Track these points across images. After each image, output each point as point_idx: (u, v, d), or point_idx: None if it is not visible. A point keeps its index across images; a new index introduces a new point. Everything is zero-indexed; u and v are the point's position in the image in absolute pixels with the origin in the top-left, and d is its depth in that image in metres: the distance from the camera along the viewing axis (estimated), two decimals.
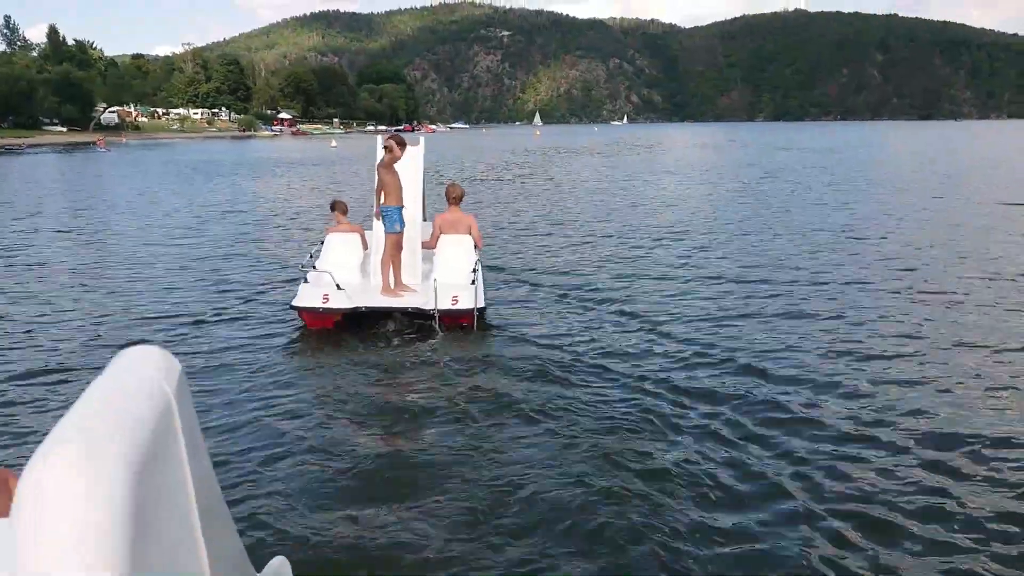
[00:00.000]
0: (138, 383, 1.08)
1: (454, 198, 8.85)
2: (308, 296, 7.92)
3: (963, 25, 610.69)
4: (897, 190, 22.83)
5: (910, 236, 14.01)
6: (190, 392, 1.08)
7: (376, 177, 8.35)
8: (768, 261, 11.76)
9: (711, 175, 31.11)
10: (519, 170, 36.30)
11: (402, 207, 8.23)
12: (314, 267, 8.35)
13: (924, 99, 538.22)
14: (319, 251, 8.86)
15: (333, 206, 9.45)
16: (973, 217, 16.63)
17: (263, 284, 10.38)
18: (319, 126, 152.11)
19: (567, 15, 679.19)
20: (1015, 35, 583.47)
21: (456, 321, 7.83)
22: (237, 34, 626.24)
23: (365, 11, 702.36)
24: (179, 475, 0.98)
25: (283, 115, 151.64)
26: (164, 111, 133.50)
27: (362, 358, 7.01)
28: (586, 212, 18.69)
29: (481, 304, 7.85)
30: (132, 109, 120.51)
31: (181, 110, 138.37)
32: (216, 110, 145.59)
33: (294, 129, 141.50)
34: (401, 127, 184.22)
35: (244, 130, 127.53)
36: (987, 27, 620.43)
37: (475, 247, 8.64)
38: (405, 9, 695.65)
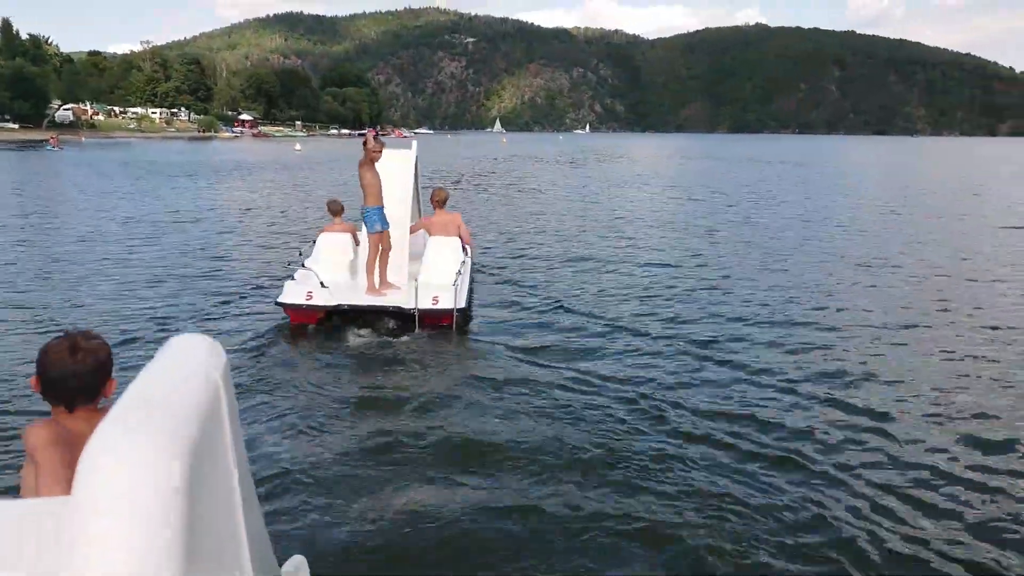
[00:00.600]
0: (190, 371, 1.12)
1: (439, 201, 9.26)
2: (293, 293, 8.12)
3: (918, 44, 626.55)
4: (890, 211, 22.31)
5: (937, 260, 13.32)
6: (232, 381, 1.12)
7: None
8: (755, 270, 12.07)
9: (695, 189, 30.43)
10: (507, 178, 35.64)
11: (382, 207, 8.31)
12: (303, 265, 8.56)
13: (879, 115, 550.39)
14: (311, 249, 9.12)
15: (329, 206, 9.55)
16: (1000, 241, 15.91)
17: (239, 288, 10.20)
18: (281, 128, 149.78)
19: (532, 23, 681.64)
20: (968, 55, 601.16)
21: (436, 321, 8.02)
22: (198, 33, 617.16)
23: (329, 14, 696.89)
24: (225, 462, 1.00)
25: (244, 116, 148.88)
26: (121, 110, 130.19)
27: (338, 355, 7.23)
28: (571, 222, 18.60)
29: (461, 305, 8.01)
30: (88, 107, 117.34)
31: (139, 109, 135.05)
32: (175, 110, 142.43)
33: (255, 131, 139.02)
34: (364, 131, 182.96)
35: (204, 131, 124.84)
36: (941, 46, 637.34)
37: (464, 246, 9.02)
38: (369, 13, 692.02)
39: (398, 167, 9.42)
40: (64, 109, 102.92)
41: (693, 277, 11.40)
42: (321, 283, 8.15)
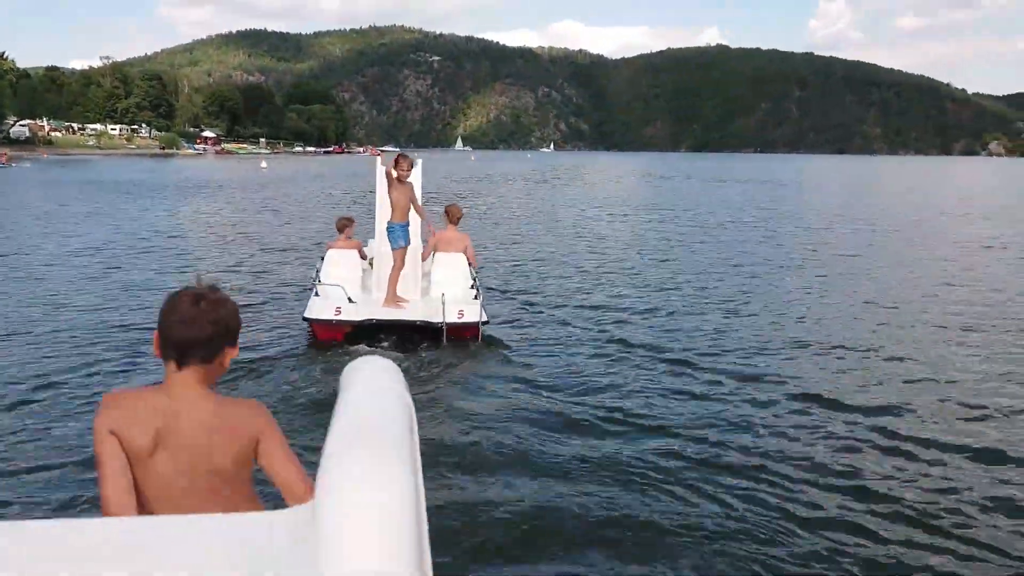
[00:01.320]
0: (388, 390, 1.25)
1: (455, 218, 9.34)
2: (320, 308, 8.13)
3: (874, 65, 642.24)
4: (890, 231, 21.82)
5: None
6: None
7: (383, 196, 8.79)
8: (753, 288, 12.28)
9: (673, 210, 29.77)
10: (487, 198, 34.75)
11: (407, 224, 8.49)
12: (320, 281, 8.56)
13: (838, 134, 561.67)
14: (321, 265, 9.07)
15: (337, 223, 9.72)
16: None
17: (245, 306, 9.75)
18: (244, 146, 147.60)
19: (497, 43, 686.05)
20: (922, 76, 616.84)
21: (461, 334, 8.16)
22: (159, 50, 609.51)
23: (293, 31, 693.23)
24: (419, 477, 1.07)
25: (207, 133, 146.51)
26: (80, 126, 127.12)
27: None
28: (563, 241, 18.59)
29: (485, 318, 8.20)
30: (45, 123, 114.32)
31: (98, 125, 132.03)
32: (136, 126, 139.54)
33: (218, 148, 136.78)
34: (331, 148, 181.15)
35: (165, 148, 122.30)
36: (896, 68, 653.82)
37: (469, 265, 9.15)
38: (334, 31, 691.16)
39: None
40: (20, 125, 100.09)
41: (690, 295, 11.62)
42: (349, 298, 8.23)
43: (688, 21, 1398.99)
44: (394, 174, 8.33)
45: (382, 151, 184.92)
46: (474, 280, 8.97)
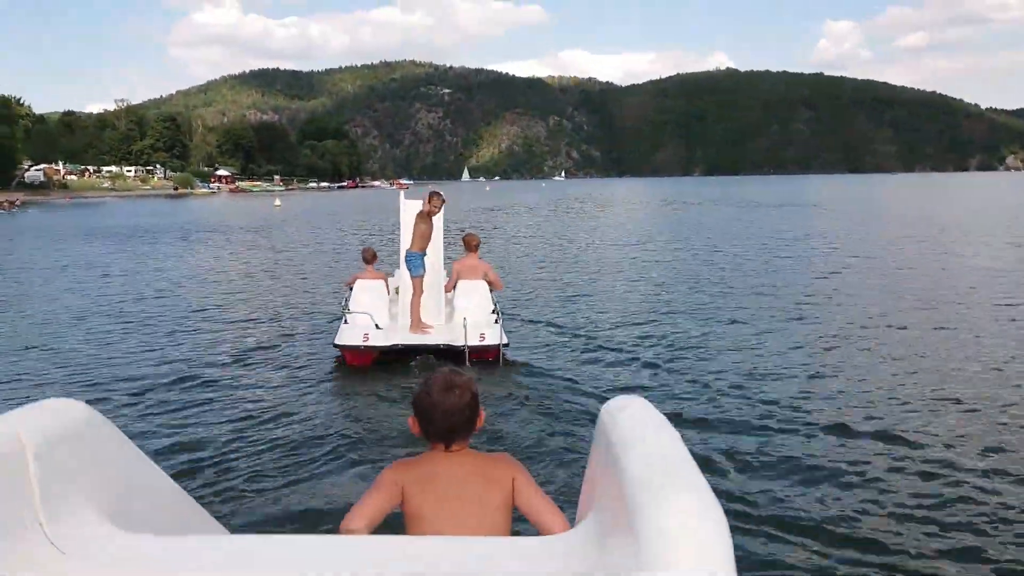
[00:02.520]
0: (665, 428, 1.47)
1: (474, 246, 9.82)
2: (349, 335, 8.59)
3: (885, 83, 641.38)
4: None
5: None
6: None
7: (407, 225, 9.38)
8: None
9: (711, 239, 26.84)
10: (508, 230, 33.44)
11: (424, 254, 9.03)
12: (349, 309, 9.07)
13: (850, 154, 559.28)
14: (350, 295, 9.54)
15: (363, 254, 10.18)
16: None
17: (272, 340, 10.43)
18: (259, 183, 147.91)
19: (506, 73, 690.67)
20: (934, 93, 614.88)
21: (483, 356, 8.52)
22: (174, 91, 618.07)
23: (305, 69, 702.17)
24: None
25: (221, 172, 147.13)
26: (95, 169, 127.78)
27: (395, 391, 7.58)
28: (585, 267, 18.64)
29: (505, 340, 8.59)
30: (61, 167, 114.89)
31: (113, 168, 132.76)
32: (151, 167, 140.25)
33: (232, 186, 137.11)
34: (344, 183, 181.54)
35: (178, 188, 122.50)
36: (907, 85, 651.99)
37: (492, 289, 9.55)
38: (345, 67, 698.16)
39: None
40: (35, 170, 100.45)
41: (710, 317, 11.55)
42: (376, 325, 8.66)
43: (696, 46, 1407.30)
44: (425, 209, 8.94)
45: (408, 185, 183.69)
46: (495, 305, 9.37)
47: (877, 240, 24.61)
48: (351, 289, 9.69)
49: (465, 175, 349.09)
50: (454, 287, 9.56)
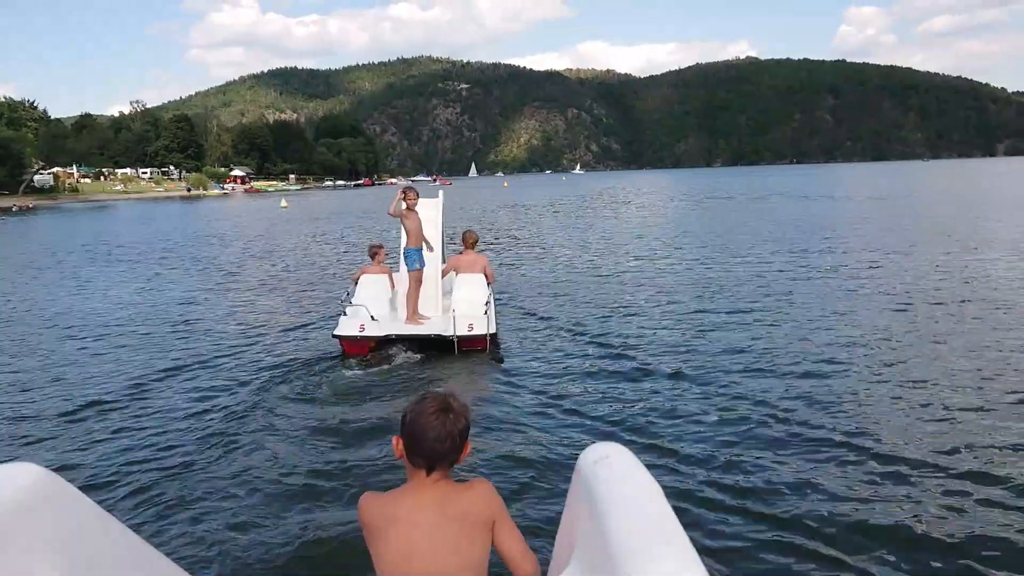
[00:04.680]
0: (644, 480, 1.51)
1: (471, 243, 10.34)
2: (347, 327, 9.22)
3: (909, 69, 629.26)
4: None
5: None
6: None
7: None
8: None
9: (771, 244, 21.93)
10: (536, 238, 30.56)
11: (420, 248, 9.64)
12: (350, 302, 9.65)
13: (875, 141, 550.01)
14: (354, 289, 10.02)
15: (369, 249, 10.64)
16: None
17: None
18: (274, 183, 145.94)
19: (524, 67, 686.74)
20: (959, 77, 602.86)
21: (472, 345, 9.05)
22: (193, 92, 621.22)
23: (323, 68, 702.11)
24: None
25: (236, 172, 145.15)
26: (110, 171, 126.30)
27: (388, 377, 8.19)
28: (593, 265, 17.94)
29: (493, 330, 9.11)
30: (74, 170, 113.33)
31: (128, 170, 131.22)
32: (166, 169, 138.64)
33: (247, 186, 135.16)
34: (361, 181, 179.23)
35: (191, 190, 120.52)
36: (932, 70, 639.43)
37: (488, 282, 9.95)
38: (363, 65, 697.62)
39: (429, 213, 10.42)
40: (45, 173, 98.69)
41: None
42: (372, 317, 9.30)
43: (716, 35, 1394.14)
44: (403, 205, 9.58)
45: (412, 180, 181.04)
46: (489, 297, 9.82)
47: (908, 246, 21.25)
48: (355, 283, 10.20)
49: (472, 171, 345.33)
50: (452, 276, 10.11)
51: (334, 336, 9.22)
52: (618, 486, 1.34)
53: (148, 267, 21.12)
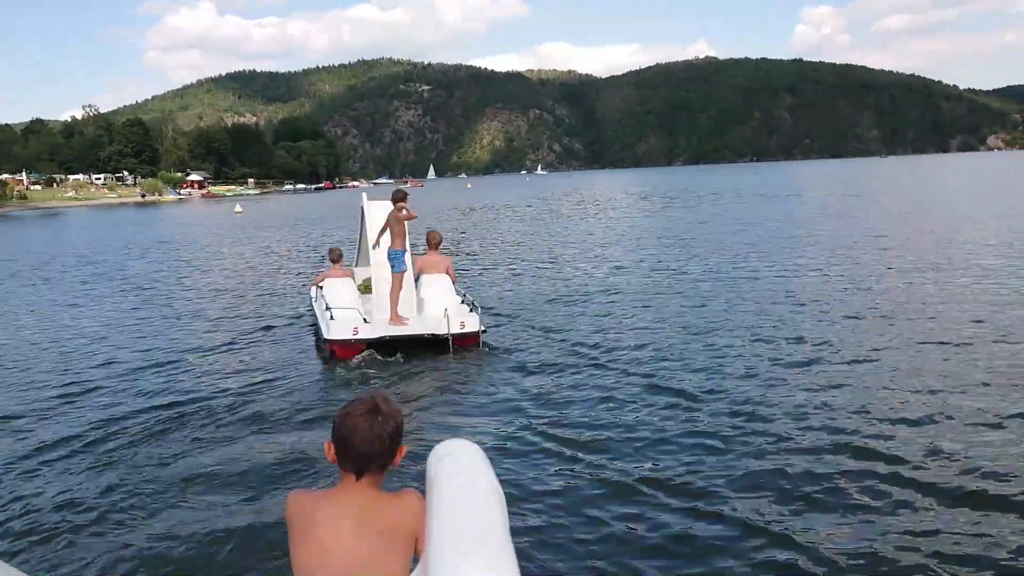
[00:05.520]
0: (483, 486, 1.45)
1: (435, 243, 10.58)
2: (339, 330, 9.09)
3: (864, 68, 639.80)
4: None
5: None
6: None
7: (375, 223, 10.19)
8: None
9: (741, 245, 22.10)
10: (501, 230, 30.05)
11: (404, 250, 9.73)
12: (328, 306, 9.50)
13: (832, 139, 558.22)
14: (319, 293, 10.21)
15: (330, 253, 10.80)
16: None
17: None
18: (232, 187, 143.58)
19: (485, 68, 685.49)
20: (913, 75, 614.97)
21: (464, 342, 9.33)
22: (150, 96, 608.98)
23: (283, 70, 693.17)
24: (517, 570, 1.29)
25: (193, 177, 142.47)
26: (62, 177, 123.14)
27: (393, 377, 8.37)
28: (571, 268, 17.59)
29: (483, 328, 9.43)
30: (23, 177, 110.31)
31: (80, 176, 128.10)
32: (120, 174, 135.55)
33: (204, 191, 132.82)
34: (321, 185, 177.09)
35: (145, 196, 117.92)
36: (887, 69, 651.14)
37: (453, 282, 10.28)
38: (323, 67, 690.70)
39: (376, 215, 10.40)
40: None
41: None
42: (364, 319, 9.34)
43: (676, 37, 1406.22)
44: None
45: (375, 183, 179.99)
46: (463, 296, 10.14)
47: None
48: (319, 287, 10.27)
49: (431, 173, 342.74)
50: (418, 279, 10.21)
51: (326, 340, 9.13)
52: (455, 484, 1.27)
53: (57, 285, 20.11)
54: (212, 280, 18.91)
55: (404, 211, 9.71)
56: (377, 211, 10.35)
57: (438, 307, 9.48)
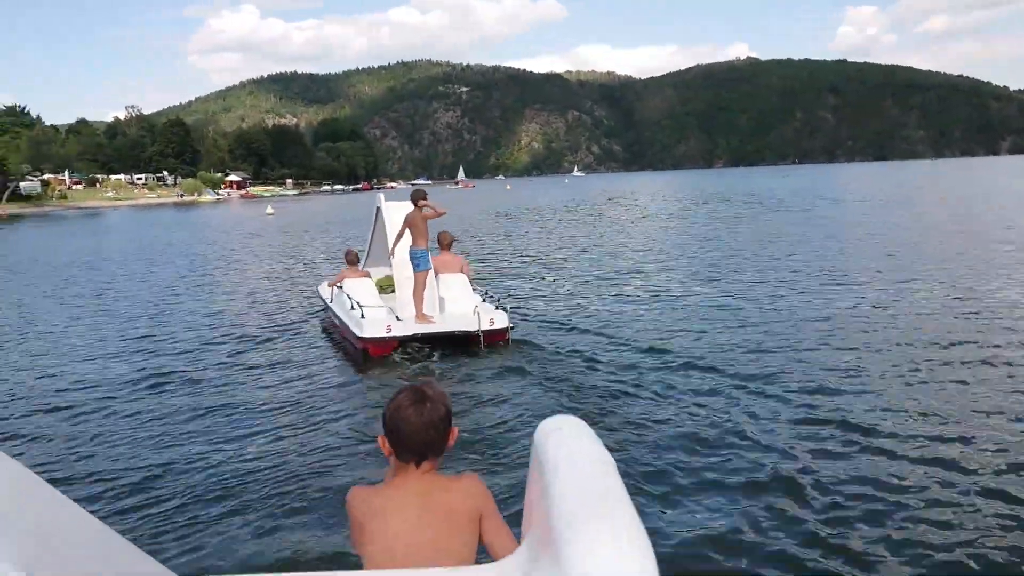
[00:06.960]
0: (596, 454, 1.49)
1: (447, 244, 10.75)
2: (373, 328, 9.23)
3: (910, 68, 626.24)
4: None
5: None
6: None
7: (394, 225, 10.26)
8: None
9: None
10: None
11: (427, 249, 9.82)
12: (358, 305, 9.56)
13: (877, 140, 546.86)
14: (338, 292, 10.37)
15: (347, 256, 11.06)
16: None
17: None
18: (271, 188, 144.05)
19: (524, 70, 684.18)
20: (961, 76, 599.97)
21: (494, 339, 9.46)
22: (193, 98, 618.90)
23: (323, 72, 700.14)
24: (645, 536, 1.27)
25: (233, 177, 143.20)
26: (104, 177, 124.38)
27: (429, 373, 8.55)
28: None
29: (511, 324, 9.60)
30: (66, 176, 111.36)
31: (122, 176, 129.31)
32: (160, 175, 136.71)
33: (243, 192, 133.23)
34: (359, 186, 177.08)
35: (184, 196, 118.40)
36: (932, 69, 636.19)
37: (469, 280, 10.47)
38: (363, 69, 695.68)
39: (395, 216, 10.51)
40: (34, 179, 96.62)
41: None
42: (397, 317, 9.65)
43: (716, 38, 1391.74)
44: (422, 209, 9.83)
45: (412, 184, 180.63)
46: (485, 295, 10.47)
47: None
48: (339, 287, 10.42)
49: (460, 174, 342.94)
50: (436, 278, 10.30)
51: (360, 338, 9.18)
52: (566, 456, 1.34)
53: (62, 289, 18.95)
54: (213, 283, 17.50)
55: (430, 209, 9.82)
56: (395, 213, 10.49)
57: (460, 305, 9.84)
